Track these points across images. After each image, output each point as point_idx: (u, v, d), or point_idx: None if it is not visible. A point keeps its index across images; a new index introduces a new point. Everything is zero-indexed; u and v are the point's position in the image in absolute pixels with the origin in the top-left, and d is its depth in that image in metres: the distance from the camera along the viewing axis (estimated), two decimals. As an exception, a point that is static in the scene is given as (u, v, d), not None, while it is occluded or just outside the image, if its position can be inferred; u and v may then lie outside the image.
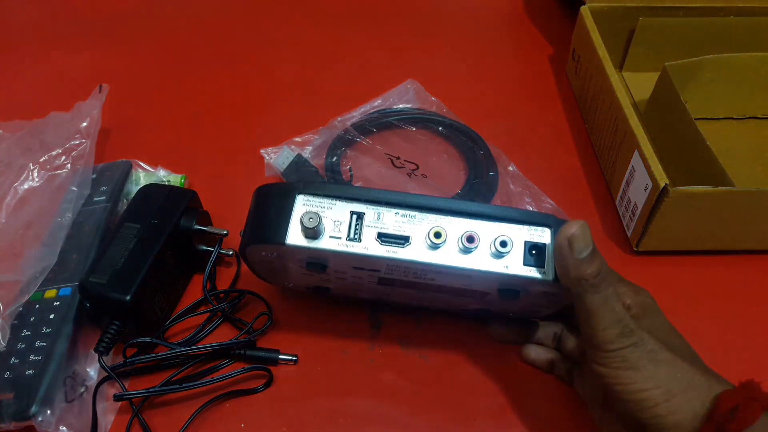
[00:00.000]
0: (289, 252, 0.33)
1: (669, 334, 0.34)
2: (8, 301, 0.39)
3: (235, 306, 0.42)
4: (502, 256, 0.31)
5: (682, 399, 0.29)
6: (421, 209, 0.32)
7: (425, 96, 0.58)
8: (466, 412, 0.38)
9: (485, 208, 0.32)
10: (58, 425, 0.35)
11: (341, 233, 0.32)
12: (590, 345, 0.31)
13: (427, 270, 0.32)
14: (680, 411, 0.29)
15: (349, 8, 0.72)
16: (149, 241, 0.39)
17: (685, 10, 0.57)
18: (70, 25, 0.70)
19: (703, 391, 0.29)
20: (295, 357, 0.40)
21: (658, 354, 0.30)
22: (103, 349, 0.37)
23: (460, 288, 0.35)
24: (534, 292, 0.33)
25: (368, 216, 0.32)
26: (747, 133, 0.55)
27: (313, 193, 0.32)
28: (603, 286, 0.30)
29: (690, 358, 0.31)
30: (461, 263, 0.31)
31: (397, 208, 0.32)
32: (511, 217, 0.32)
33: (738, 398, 0.28)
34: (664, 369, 0.30)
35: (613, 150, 0.49)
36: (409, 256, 0.31)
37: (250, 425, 0.37)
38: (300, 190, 0.32)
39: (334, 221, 0.32)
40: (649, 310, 0.34)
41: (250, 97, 0.60)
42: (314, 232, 0.31)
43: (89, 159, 0.47)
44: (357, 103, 0.57)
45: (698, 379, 0.30)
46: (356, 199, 0.32)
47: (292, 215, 0.32)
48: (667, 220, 0.42)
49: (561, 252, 0.30)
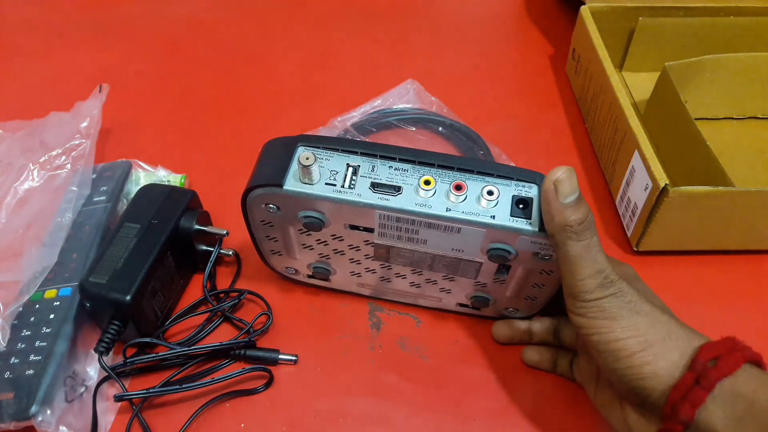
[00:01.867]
0: (287, 201, 0.34)
1: (650, 296, 0.34)
2: (8, 301, 0.39)
3: (235, 306, 0.42)
4: (490, 206, 0.32)
5: (660, 348, 0.29)
6: (414, 163, 0.34)
7: (425, 96, 0.58)
8: (466, 412, 0.38)
9: (475, 162, 0.34)
10: (58, 425, 0.35)
11: (337, 181, 0.33)
12: (570, 294, 0.31)
13: (418, 223, 0.34)
14: (658, 360, 0.29)
15: (349, 8, 0.72)
16: (149, 241, 0.39)
17: (685, 10, 0.57)
18: (70, 25, 0.70)
19: (682, 342, 0.29)
20: (295, 357, 0.40)
21: (637, 305, 0.30)
22: (103, 349, 0.37)
23: (453, 258, 0.36)
24: (523, 256, 0.34)
25: (363, 168, 0.34)
26: (747, 133, 0.55)
27: (314, 144, 0.34)
28: (586, 235, 0.30)
29: (671, 315, 0.31)
30: (449, 212, 0.32)
31: (391, 162, 0.34)
32: (500, 172, 0.33)
33: (720, 349, 0.28)
34: (642, 319, 0.30)
35: (613, 150, 0.49)
36: (400, 204, 0.33)
37: (250, 425, 0.37)
38: (302, 142, 0.34)
39: (330, 170, 0.34)
40: (630, 277, 0.35)
41: (250, 97, 0.60)
42: (309, 173, 0.33)
43: (89, 159, 0.47)
44: (357, 103, 0.57)
45: (677, 330, 0.30)
46: (353, 152, 0.34)
47: (292, 161, 0.34)
48: (667, 220, 0.42)
49: (547, 196, 0.30)
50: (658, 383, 0.29)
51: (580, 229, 0.30)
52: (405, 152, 0.34)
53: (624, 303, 0.30)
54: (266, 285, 0.43)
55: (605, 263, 0.30)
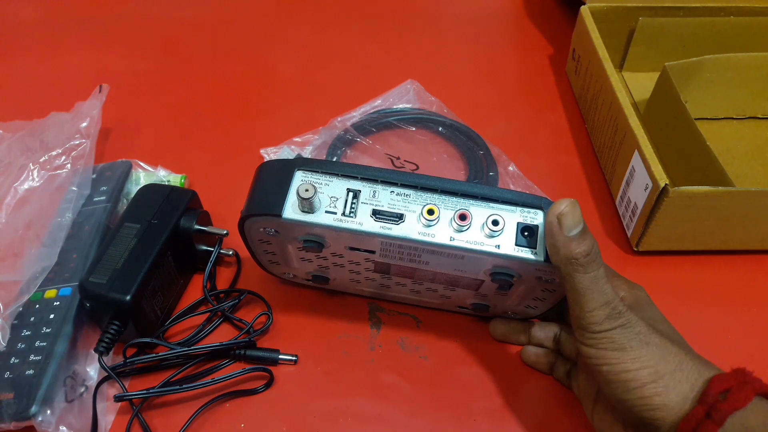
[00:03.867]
0: (285, 227, 0.33)
1: (661, 324, 0.33)
2: (8, 301, 0.39)
3: (235, 306, 0.42)
4: (494, 236, 0.32)
5: (670, 380, 0.29)
6: (416, 188, 0.33)
7: (425, 96, 0.58)
8: (466, 412, 0.38)
9: (479, 188, 0.33)
10: (58, 425, 0.35)
11: (337, 209, 0.32)
12: (578, 326, 0.30)
13: (420, 249, 0.33)
14: (667, 392, 0.28)
15: (348, 8, 0.72)
16: (149, 241, 0.39)
17: (685, 10, 0.57)
18: (70, 25, 0.70)
19: (692, 374, 0.29)
20: (295, 357, 0.40)
21: (647, 336, 0.30)
22: (103, 349, 0.37)
23: (454, 276, 0.35)
24: (527, 278, 0.33)
25: (364, 193, 0.33)
26: (747, 133, 0.55)
27: (312, 169, 0.33)
28: (593, 267, 0.30)
29: (681, 345, 0.31)
30: (453, 241, 0.32)
31: (392, 187, 0.33)
32: (505, 198, 0.32)
33: (731, 381, 0.28)
34: (652, 350, 0.29)
35: (613, 150, 0.49)
36: (402, 233, 0.32)
37: (250, 425, 0.37)
38: (299, 166, 0.33)
39: (330, 197, 0.32)
40: (642, 302, 0.34)
41: (250, 97, 0.60)
42: (310, 204, 0.32)
43: (89, 159, 0.47)
44: (357, 103, 0.57)
45: (688, 362, 0.29)
46: (353, 176, 0.33)
47: (290, 188, 0.33)
48: (666, 220, 0.42)
49: (551, 230, 0.30)
50: (668, 414, 0.28)
51: (586, 261, 0.29)
52: (407, 177, 0.33)
53: (633, 334, 0.29)
54: (266, 285, 0.43)
55: (613, 295, 0.30)
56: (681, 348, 0.30)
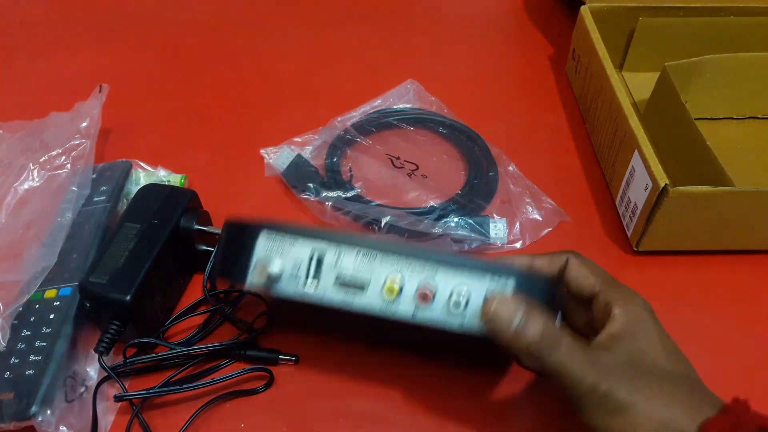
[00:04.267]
0: (254, 288, 0.33)
1: (654, 354, 0.30)
2: (8, 301, 0.39)
3: (235, 306, 0.42)
4: (460, 310, 0.30)
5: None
6: (384, 251, 0.31)
7: (425, 96, 0.58)
8: (467, 412, 0.38)
9: (446, 257, 0.31)
10: (58, 425, 0.35)
11: (299, 275, 0.32)
12: (574, 403, 0.29)
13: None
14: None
15: (348, 8, 0.72)
16: (149, 241, 0.39)
17: (685, 10, 0.57)
18: (70, 25, 0.70)
19: (684, 421, 0.27)
20: (296, 357, 0.40)
21: (629, 396, 0.28)
22: (103, 349, 0.37)
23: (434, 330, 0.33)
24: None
25: (328, 256, 0.31)
26: (747, 133, 0.55)
27: (277, 231, 0.32)
28: (556, 342, 0.28)
29: (674, 382, 0.29)
30: (416, 318, 0.31)
31: (358, 247, 0.32)
32: (474, 266, 0.31)
33: (723, 426, 0.26)
34: (634, 414, 0.27)
35: (613, 150, 0.49)
36: (365, 304, 0.31)
37: (250, 425, 0.37)
38: (264, 229, 0.32)
39: (294, 259, 0.32)
40: (636, 324, 0.31)
41: (249, 97, 0.60)
42: (269, 275, 0.31)
43: (89, 159, 0.47)
44: (357, 103, 0.57)
45: (679, 415, 0.27)
46: (318, 237, 0.32)
47: (252, 257, 0.32)
48: (666, 220, 0.42)
49: (494, 335, 0.29)
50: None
51: (546, 344, 0.28)
52: (371, 243, 0.31)
53: (617, 402, 0.27)
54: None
55: (586, 364, 0.28)
56: (672, 394, 0.28)
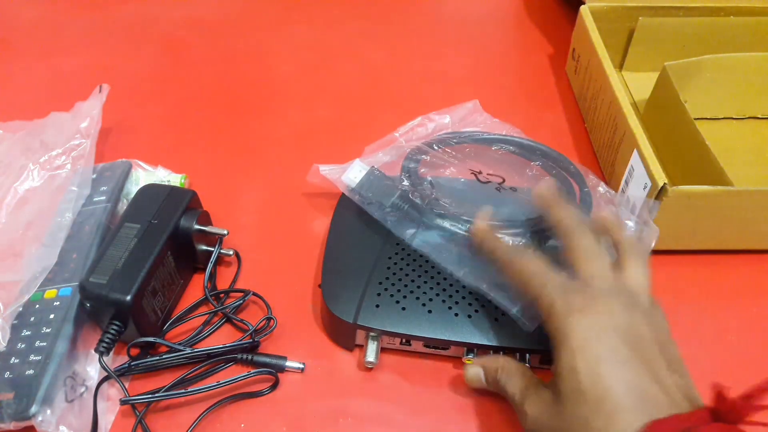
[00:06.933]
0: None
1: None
2: (8, 301, 0.39)
3: (237, 306, 0.42)
4: None
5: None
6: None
7: (487, 117, 0.53)
8: (467, 412, 0.38)
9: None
10: (58, 425, 0.35)
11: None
12: None
13: None
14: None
15: (349, 8, 0.72)
16: (149, 241, 0.39)
17: (685, 10, 0.57)
18: (70, 25, 0.70)
19: (630, 415, 0.26)
20: (303, 365, 0.39)
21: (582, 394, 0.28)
22: (104, 350, 0.37)
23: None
24: None
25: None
26: (747, 133, 0.55)
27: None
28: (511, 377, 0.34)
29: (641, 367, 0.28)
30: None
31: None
32: None
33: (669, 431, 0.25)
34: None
35: (612, 149, 0.49)
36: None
37: (250, 425, 0.37)
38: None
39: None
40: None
41: (250, 97, 0.60)
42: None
43: (89, 159, 0.47)
44: (357, 103, 0.57)
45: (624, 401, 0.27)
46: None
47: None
48: (665, 219, 0.42)
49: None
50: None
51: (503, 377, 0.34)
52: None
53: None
54: (266, 284, 0.43)
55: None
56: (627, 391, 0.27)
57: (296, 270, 0.45)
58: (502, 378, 0.34)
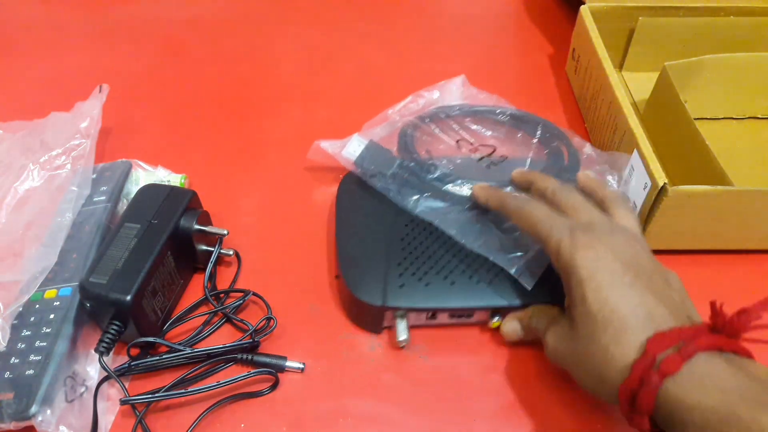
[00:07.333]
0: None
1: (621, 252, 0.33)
2: (8, 301, 0.39)
3: (237, 306, 0.42)
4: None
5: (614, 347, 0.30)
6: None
7: (474, 91, 0.55)
8: (467, 412, 0.38)
9: None
10: (58, 425, 0.35)
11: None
12: None
13: None
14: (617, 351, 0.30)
15: (348, 8, 0.72)
16: (149, 241, 0.39)
17: (685, 10, 0.57)
18: (70, 25, 0.70)
19: (637, 331, 0.29)
20: (303, 365, 0.39)
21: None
22: (104, 350, 0.37)
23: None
24: None
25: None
26: (747, 133, 0.55)
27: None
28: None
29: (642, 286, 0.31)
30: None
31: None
32: None
33: (670, 341, 0.28)
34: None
35: (612, 149, 0.49)
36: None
37: (250, 425, 0.37)
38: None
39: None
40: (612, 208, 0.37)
41: (250, 97, 0.60)
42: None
43: (89, 159, 0.47)
44: (356, 103, 0.57)
45: (632, 316, 0.30)
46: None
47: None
48: (665, 219, 0.42)
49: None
50: (617, 375, 0.30)
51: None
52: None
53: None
54: (266, 284, 0.43)
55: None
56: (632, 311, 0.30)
57: (296, 270, 0.45)
58: (533, 322, 0.37)
